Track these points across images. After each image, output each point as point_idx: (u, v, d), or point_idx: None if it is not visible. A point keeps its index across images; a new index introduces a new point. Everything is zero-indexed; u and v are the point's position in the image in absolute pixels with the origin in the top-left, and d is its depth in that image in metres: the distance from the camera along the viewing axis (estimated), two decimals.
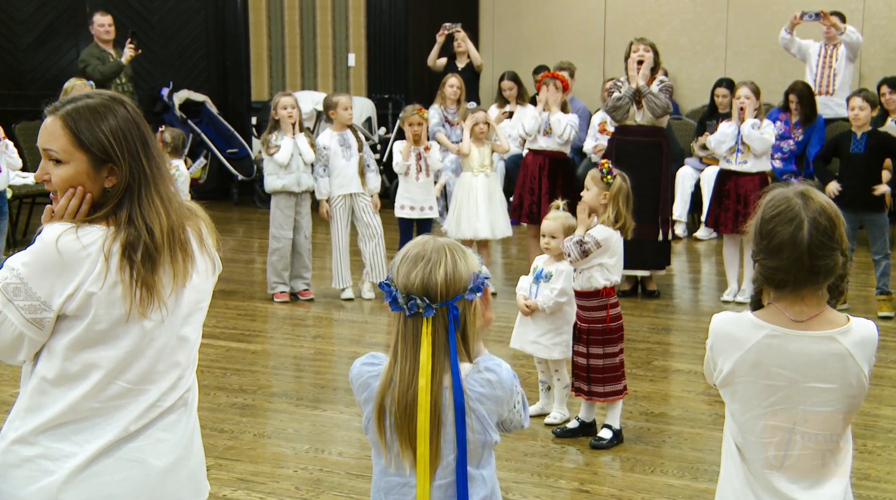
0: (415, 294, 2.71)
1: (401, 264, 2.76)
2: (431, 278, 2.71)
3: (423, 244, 2.78)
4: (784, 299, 2.85)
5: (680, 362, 7.21)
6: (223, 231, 11.91)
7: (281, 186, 8.63)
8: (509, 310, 8.19)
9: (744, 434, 2.92)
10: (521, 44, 13.97)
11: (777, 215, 2.83)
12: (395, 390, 2.72)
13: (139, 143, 2.74)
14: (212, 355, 7.30)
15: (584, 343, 5.74)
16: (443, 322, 2.72)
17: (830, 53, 11.09)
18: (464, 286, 2.74)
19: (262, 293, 8.96)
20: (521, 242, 10.40)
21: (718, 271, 9.71)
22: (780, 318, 2.85)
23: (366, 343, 7.69)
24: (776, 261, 2.81)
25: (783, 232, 2.80)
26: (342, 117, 8.68)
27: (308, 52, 14.14)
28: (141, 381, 2.75)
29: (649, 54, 8.55)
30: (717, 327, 2.96)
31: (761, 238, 2.86)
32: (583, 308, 5.74)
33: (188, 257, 2.81)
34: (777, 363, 2.84)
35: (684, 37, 13.17)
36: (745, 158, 8.53)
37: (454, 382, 2.70)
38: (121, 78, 11.51)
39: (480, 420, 2.74)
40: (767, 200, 2.89)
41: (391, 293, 2.75)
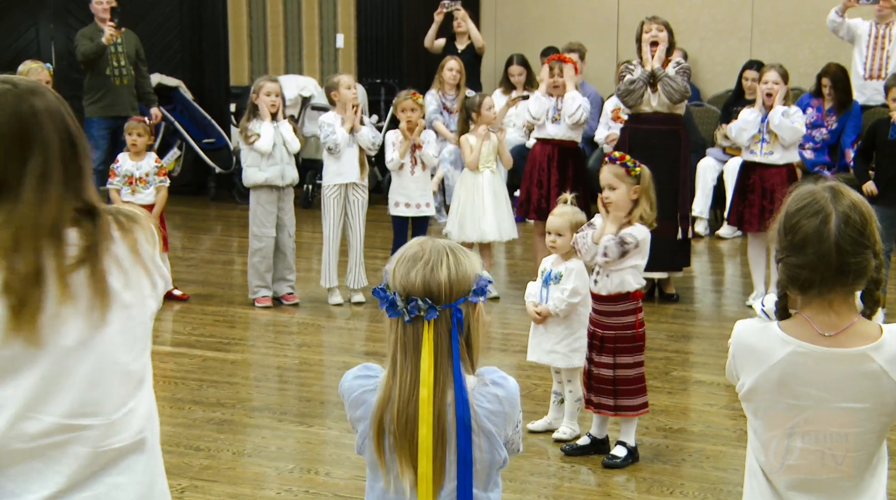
0: (415, 295, 2.72)
1: (397, 265, 2.77)
2: (434, 277, 2.72)
3: (419, 244, 2.79)
4: (811, 306, 2.85)
5: (701, 372, 7.22)
6: (199, 229, 11.96)
7: (263, 179, 8.62)
8: (515, 316, 8.22)
9: (767, 453, 2.93)
10: (527, 23, 13.98)
11: (802, 208, 2.85)
12: (395, 404, 2.73)
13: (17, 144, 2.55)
14: (187, 365, 7.31)
15: (609, 353, 5.72)
16: (446, 326, 2.73)
17: (883, 34, 11.06)
18: (468, 288, 2.75)
19: (241, 297, 8.97)
20: (527, 240, 10.41)
21: (743, 273, 9.72)
22: (807, 331, 2.85)
23: (356, 352, 7.70)
24: (801, 258, 2.82)
25: (808, 226, 2.81)
26: (346, 97, 8.68)
27: (292, 32, 14.15)
28: (72, 414, 2.58)
29: (663, 34, 8.56)
30: (739, 338, 2.96)
31: (785, 234, 2.86)
32: (609, 314, 5.72)
33: (97, 273, 2.58)
34: (804, 382, 2.85)
35: (705, 14, 13.17)
36: (772, 148, 8.54)
37: (457, 394, 2.71)
38: (118, 60, 11.36)
39: (488, 437, 2.75)
40: (793, 195, 2.90)
41: (388, 297, 2.75)
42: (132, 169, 8.77)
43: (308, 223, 10.89)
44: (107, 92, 11.38)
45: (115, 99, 11.40)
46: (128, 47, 11.50)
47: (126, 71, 11.46)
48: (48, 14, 13.72)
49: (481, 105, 8.85)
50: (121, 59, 11.43)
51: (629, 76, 8.59)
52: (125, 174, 8.75)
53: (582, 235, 5.69)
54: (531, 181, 9.08)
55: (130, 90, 11.51)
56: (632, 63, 8.73)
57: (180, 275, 9.40)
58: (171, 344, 7.86)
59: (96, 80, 11.40)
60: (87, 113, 11.32)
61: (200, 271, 9.99)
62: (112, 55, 11.37)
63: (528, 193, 9.12)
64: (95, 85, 11.41)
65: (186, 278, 9.53)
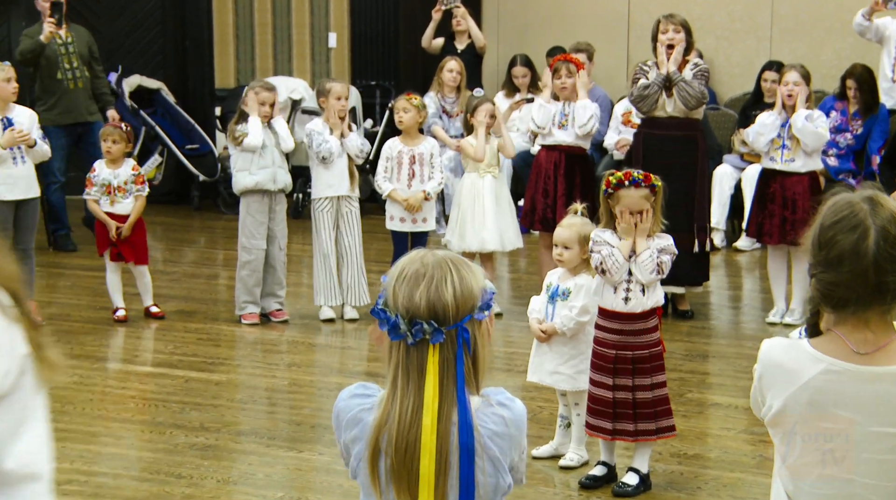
0: (420, 318, 2.71)
1: (397, 283, 2.76)
2: (439, 298, 2.72)
3: (420, 260, 2.78)
4: (845, 324, 2.83)
5: (718, 394, 7.21)
6: (181, 241, 11.96)
7: (253, 183, 8.59)
8: (518, 334, 8.21)
9: (795, 482, 2.91)
10: (532, 21, 13.99)
11: (838, 222, 2.83)
12: (394, 428, 2.72)
13: None
14: (168, 387, 7.30)
15: (627, 375, 5.72)
16: (451, 348, 2.73)
17: None
18: (474, 304, 2.75)
19: (227, 314, 8.96)
20: (532, 252, 10.40)
21: (762, 288, 9.72)
22: (840, 348, 2.83)
23: (350, 372, 7.69)
24: (835, 275, 2.81)
25: (845, 241, 2.80)
26: (334, 108, 8.70)
27: (281, 30, 14.16)
28: None
29: (680, 35, 8.56)
30: (767, 356, 2.94)
31: (819, 248, 2.85)
32: (638, 333, 5.72)
33: None
34: (836, 404, 2.83)
35: (721, 12, 13.18)
36: (793, 154, 8.54)
37: (461, 419, 2.70)
38: (70, 61, 11.09)
39: (493, 461, 2.74)
40: (829, 206, 2.88)
41: (390, 320, 2.74)
42: (109, 177, 8.75)
43: (298, 235, 10.89)
44: (60, 97, 11.07)
45: (70, 104, 11.10)
46: (79, 46, 11.22)
47: (80, 73, 11.18)
48: (20, 12, 13.71)
49: (476, 110, 8.85)
50: (73, 60, 11.15)
51: (643, 80, 8.58)
52: (102, 183, 8.73)
53: (609, 255, 5.64)
54: (536, 190, 9.07)
55: (87, 93, 11.23)
56: (646, 64, 8.72)
57: (161, 290, 9.39)
58: (151, 364, 7.86)
59: (48, 84, 11.09)
60: (42, 121, 10.91)
61: (183, 285, 9.98)
62: (63, 57, 11.08)
63: (532, 203, 9.11)
64: (48, 90, 11.09)
65: (168, 293, 9.52)
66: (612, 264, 5.64)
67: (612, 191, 5.69)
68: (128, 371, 7.75)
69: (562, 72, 8.89)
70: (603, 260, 5.66)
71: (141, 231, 8.81)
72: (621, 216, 5.68)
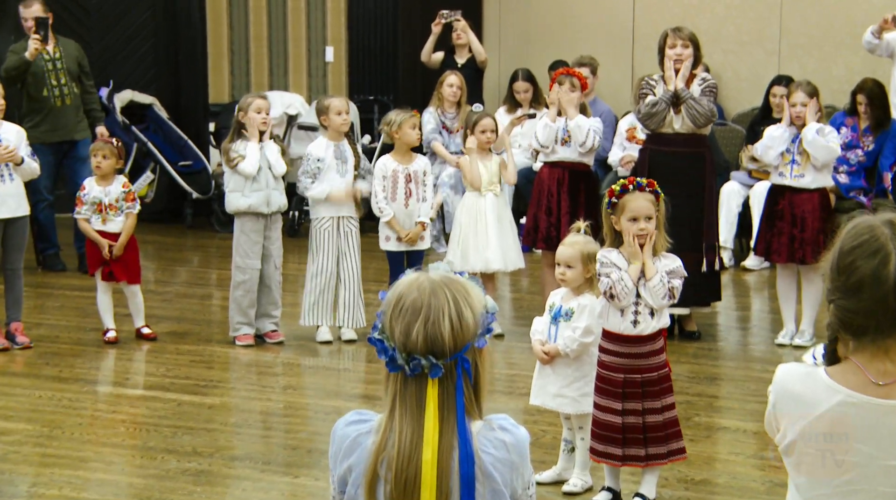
0: (418, 354, 2.71)
1: (393, 315, 2.75)
2: (436, 334, 2.71)
3: (416, 288, 2.76)
4: (864, 352, 2.82)
5: (727, 418, 7.20)
6: (174, 260, 11.96)
7: (246, 206, 8.62)
8: (521, 356, 8.20)
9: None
10: (534, 35, 14.01)
11: (858, 246, 2.80)
12: (393, 458, 2.71)
13: None
14: (160, 410, 7.29)
15: (637, 399, 5.71)
16: (451, 379, 2.73)
17: None
18: (474, 333, 2.75)
19: (221, 335, 8.95)
20: (534, 272, 10.40)
21: (771, 308, 9.71)
22: (858, 379, 2.81)
23: (347, 395, 7.68)
24: (855, 302, 2.79)
25: (864, 267, 2.78)
26: (334, 123, 8.72)
27: (277, 44, 14.18)
28: None
29: (688, 51, 8.55)
30: (782, 384, 2.91)
31: (839, 274, 2.83)
32: (647, 355, 5.72)
33: None
34: (854, 436, 2.82)
35: (730, 25, 13.21)
36: (803, 170, 8.52)
37: (462, 451, 2.69)
38: (57, 77, 10.95)
39: (493, 489, 2.73)
40: (848, 229, 2.85)
41: (387, 351, 2.74)
42: (100, 195, 8.74)
43: (294, 253, 10.89)
44: (47, 115, 10.93)
45: (57, 122, 10.96)
46: (68, 61, 11.08)
47: (68, 89, 11.03)
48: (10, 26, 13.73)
49: (476, 125, 8.86)
50: (60, 76, 11.00)
51: (651, 97, 8.57)
52: (93, 201, 8.72)
53: (618, 279, 5.63)
54: (539, 208, 9.07)
55: (75, 110, 11.08)
56: (652, 78, 8.73)
57: (153, 311, 9.38)
58: (142, 387, 7.85)
59: (34, 102, 10.96)
60: (29, 139, 10.91)
61: (175, 306, 9.97)
62: (49, 73, 10.94)
63: (535, 221, 9.10)
64: (34, 108, 10.96)
65: (160, 314, 9.52)
66: (621, 290, 5.63)
67: (616, 200, 5.68)
68: (118, 394, 7.73)
69: (566, 85, 8.90)
70: (612, 285, 5.63)
71: (133, 250, 8.81)
72: (626, 235, 5.66)
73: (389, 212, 8.74)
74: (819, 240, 8.35)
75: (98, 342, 8.76)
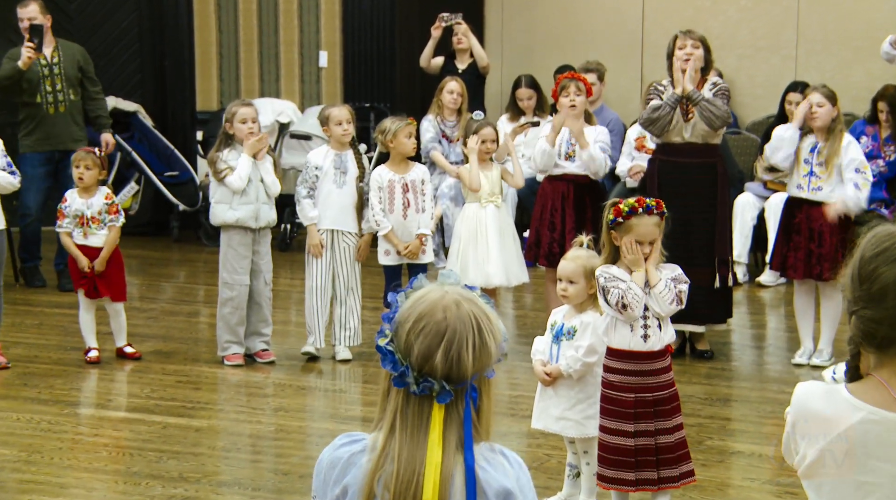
0: (433, 378, 2.71)
1: (413, 331, 2.73)
2: (460, 362, 2.71)
3: (442, 309, 2.74)
4: (888, 367, 2.82)
5: (741, 441, 7.19)
6: (159, 276, 11.96)
7: (234, 219, 8.62)
8: (524, 376, 8.20)
9: None
10: (538, 40, 14.03)
11: (880, 253, 2.82)
12: (392, 478, 2.71)
13: None
14: (144, 433, 7.28)
15: (649, 419, 5.71)
16: (457, 404, 2.74)
17: None
18: (488, 364, 2.76)
19: (209, 354, 8.95)
20: (538, 287, 10.40)
21: (788, 326, 9.72)
22: (881, 395, 2.81)
23: (341, 417, 7.68)
24: (878, 311, 2.80)
25: (888, 274, 2.79)
26: (335, 134, 8.75)
27: (268, 49, 14.20)
28: None
29: (699, 51, 8.58)
30: (802, 402, 2.92)
31: (860, 283, 2.84)
32: (657, 372, 5.73)
33: None
34: (876, 456, 2.81)
35: (743, 29, 13.23)
36: (821, 183, 8.52)
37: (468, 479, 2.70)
38: (52, 83, 10.88)
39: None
40: (869, 237, 2.87)
41: (397, 367, 2.74)
42: (82, 207, 8.73)
43: (286, 268, 10.89)
44: (39, 123, 10.90)
45: (49, 130, 10.91)
46: (67, 66, 11.03)
47: (64, 96, 10.98)
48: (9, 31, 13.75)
49: (476, 134, 8.87)
50: (56, 82, 10.95)
51: (654, 101, 8.58)
52: (75, 214, 8.72)
53: (627, 288, 5.64)
54: (541, 223, 9.06)
55: (72, 119, 11.04)
56: (661, 84, 8.74)
57: (137, 329, 9.39)
58: (125, 409, 7.84)
59: (27, 109, 10.95)
60: (21, 148, 10.90)
61: (161, 324, 9.97)
62: (45, 79, 10.89)
63: (537, 236, 9.10)
64: (28, 115, 10.95)
65: (145, 332, 9.52)
66: (632, 298, 5.63)
67: (622, 220, 5.69)
68: (101, 417, 7.73)
69: (570, 89, 8.87)
70: (623, 294, 5.64)
71: (117, 265, 8.80)
72: (628, 248, 5.67)
73: (387, 224, 8.74)
74: (837, 255, 8.35)
75: (79, 362, 8.76)
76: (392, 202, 8.78)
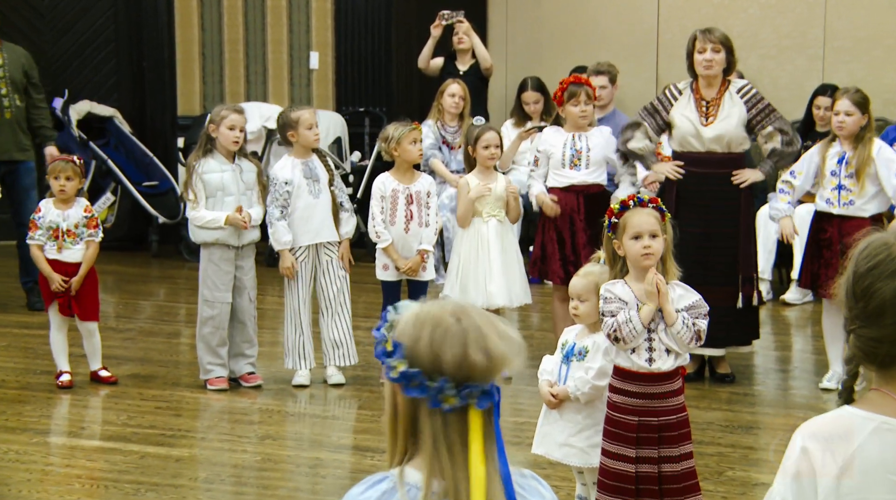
0: (475, 380, 2.63)
1: (432, 342, 2.65)
2: (492, 355, 2.64)
3: (451, 313, 2.68)
4: (892, 383, 2.83)
5: (765, 472, 7.17)
6: (137, 293, 11.95)
7: (213, 239, 8.58)
8: (530, 401, 8.17)
9: None
10: (545, 39, 14.04)
11: (875, 267, 2.83)
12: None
13: None
14: (120, 464, 7.26)
15: (653, 445, 5.69)
16: (490, 410, 2.68)
17: None
18: (515, 355, 2.69)
19: (190, 378, 8.94)
20: (546, 305, 10.39)
21: (815, 348, 9.70)
22: (888, 405, 2.82)
23: (333, 446, 7.66)
24: (878, 329, 2.80)
25: (885, 289, 2.79)
26: (305, 139, 8.68)
27: (255, 49, 14.21)
28: None
29: (720, 55, 8.57)
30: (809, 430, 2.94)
31: (856, 300, 2.84)
32: (657, 396, 5.69)
33: None
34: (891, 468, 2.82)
35: (767, 28, 13.23)
36: (852, 196, 8.46)
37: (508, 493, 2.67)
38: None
39: None
40: (861, 249, 2.88)
41: (426, 388, 2.64)
42: (58, 219, 8.70)
43: (272, 285, 10.88)
44: None
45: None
46: (11, 70, 10.92)
47: (9, 102, 10.87)
48: None
49: (479, 140, 8.83)
50: (1, 86, 10.85)
51: (633, 141, 8.74)
52: (49, 226, 8.68)
53: (624, 321, 5.60)
54: (547, 237, 9.00)
55: (17, 126, 10.91)
56: (678, 86, 8.74)
57: (113, 350, 9.37)
58: (100, 438, 7.82)
59: None
60: None
61: (139, 345, 9.96)
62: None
63: (543, 250, 9.05)
64: None
65: (121, 354, 9.51)
66: (627, 333, 5.60)
67: (616, 220, 5.67)
68: (73, 446, 7.71)
69: (581, 97, 8.86)
70: (617, 328, 5.61)
71: (91, 282, 8.77)
72: (648, 280, 5.63)
73: (388, 237, 8.69)
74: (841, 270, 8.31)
75: (50, 387, 8.74)
76: (394, 214, 8.75)
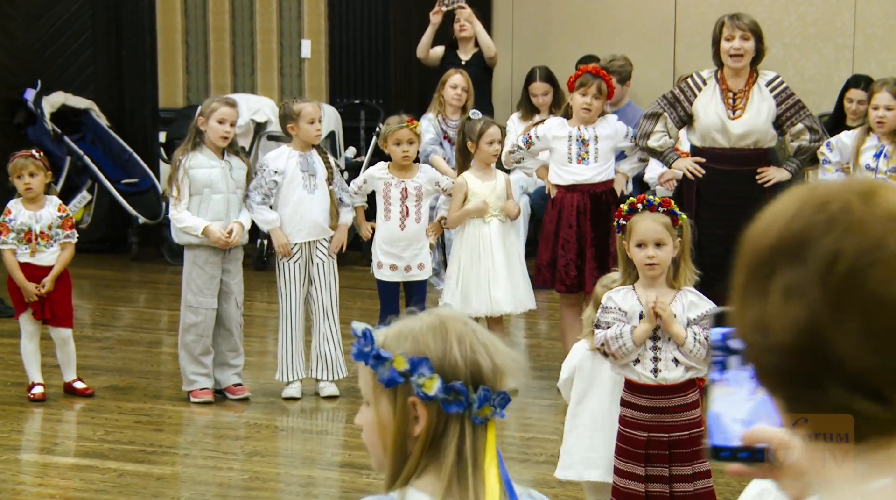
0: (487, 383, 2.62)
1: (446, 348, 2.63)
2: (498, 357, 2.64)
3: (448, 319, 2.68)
4: None
5: None
6: (116, 299, 11.95)
7: (198, 240, 8.60)
8: (539, 415, 8.17)
9: None
10: (554, 28, 14.04)
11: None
12: None
13: None
14: (97, 482, 7.26)
15: (663, 462, 5.70)
16: (493, 422, 2.67)
17: None
18: None
19: (172, 390, 8.94)
20: (554, 313, 10.38)
21: None
22: None
23: (325, 463, 7.66)
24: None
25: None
26: (305, 134, 8.69)
27: (243, 37, 14.21)
28: None
29: (749, 43, 8.55)
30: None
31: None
32: (667, 410, 5.70)
33: None
34: None
35: (792, 14, 13.24)
36: None
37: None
38: None
39: None
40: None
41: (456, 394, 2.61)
42: (29, 221, 8.67)
43: (261, 290, 10.89)
44: None
45: None
46: None
47: None
48: None
49: (482, 136, 8.80)
50: None
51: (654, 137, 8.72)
52: (21, 229, 8.67)
53: (615, 337, 5.58)
54: (554, 240, 8.97)
55: None
56: (701, 75, 8.72)
57: (89, 360, 9.37)
58: (74, 454, 7.82)
59: None
60: None
61: (118, 355, 9.96)
62: None
63: (552, 255, 9.01)
64: None
65: (98, 364, 9.50)
66: (617, 349, 5.59)
67: (624, 222, 5.67)
68: (46, 464, 7.71)
69: (591, 89, 8.82)
70: (606, 342, 5.61)
71: (64, 286, 8.77)
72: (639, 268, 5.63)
73: (361, 202, 8.80)
74: None
75: (21, 400, 8.74)
76: (388, 210, 8.76)
